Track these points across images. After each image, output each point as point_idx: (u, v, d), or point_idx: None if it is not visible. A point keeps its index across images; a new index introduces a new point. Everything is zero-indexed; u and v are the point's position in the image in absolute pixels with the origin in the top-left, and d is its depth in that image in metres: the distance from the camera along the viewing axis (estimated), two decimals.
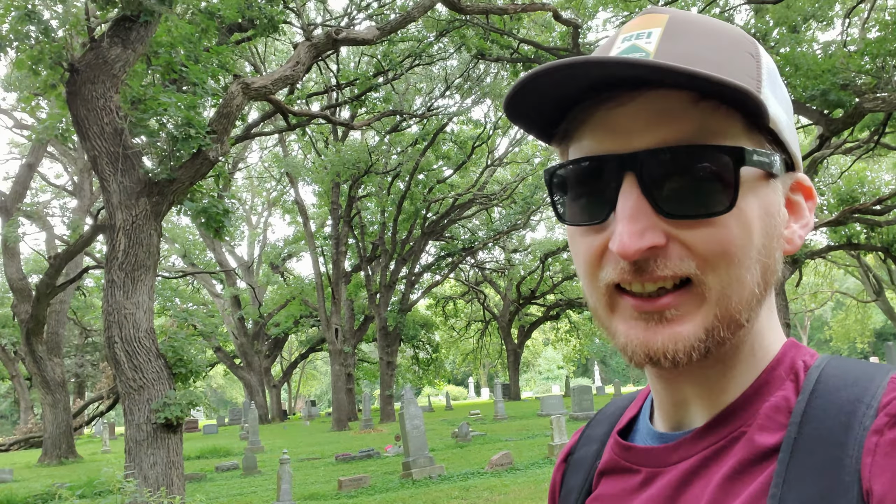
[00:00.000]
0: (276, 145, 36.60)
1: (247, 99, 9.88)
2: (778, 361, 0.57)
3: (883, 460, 0.46)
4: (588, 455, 0.71)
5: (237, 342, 36.76)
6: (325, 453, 18.48)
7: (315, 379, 70.64)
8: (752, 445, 0.53)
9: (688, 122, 0.52)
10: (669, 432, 0.61)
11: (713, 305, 0.53)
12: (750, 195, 0.54)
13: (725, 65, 0.53)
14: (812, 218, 0.58)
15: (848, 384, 0.51)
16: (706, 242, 0.52)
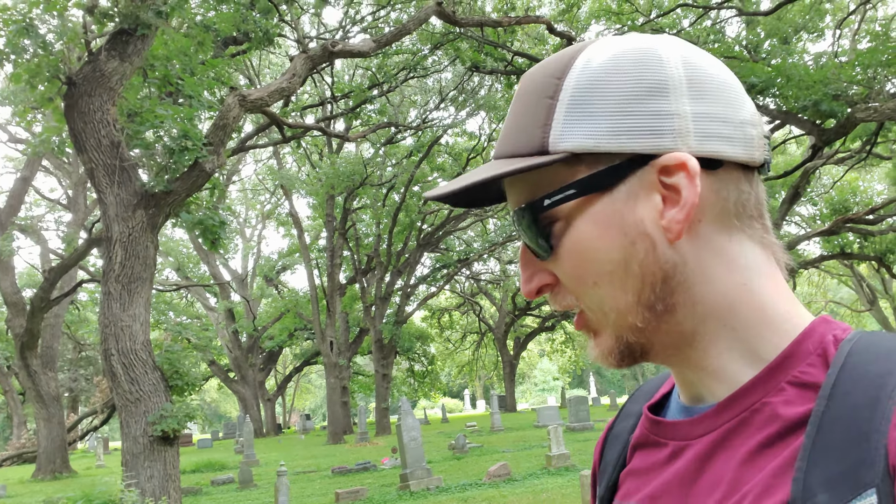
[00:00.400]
0: (270, 158, 36.63)
1: (243, 111, 9.91)
2: (805, 336, 0.57)
3: None
4: (625, 429, 0.72)
5: (231, 355, 36.60)
6: (321, 466, 18.39)
7: (309, 392, 70.30)
8: (778, 419, 0.54)
9: (519, 188, 0.62)
10: (693, 406, 0.63)
11: (600, 322, 0.60)
12: (580, 223, 0.58)
13: (518, 130, 0.61)
14: (692, 192, 0.56)
15: (880, 357, 0.51)
16: (565, 277, 0.60)
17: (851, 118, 13.20)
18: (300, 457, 21.52)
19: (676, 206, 0.57)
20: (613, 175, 0.57)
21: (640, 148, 0.57)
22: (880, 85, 13.64)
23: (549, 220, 0.60)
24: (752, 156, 0.59)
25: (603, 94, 0.58)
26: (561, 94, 0.59)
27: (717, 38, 18.95)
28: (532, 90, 0.61)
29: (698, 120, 0.57)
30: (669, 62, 0.58)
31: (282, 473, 9.17)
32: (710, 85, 0.58)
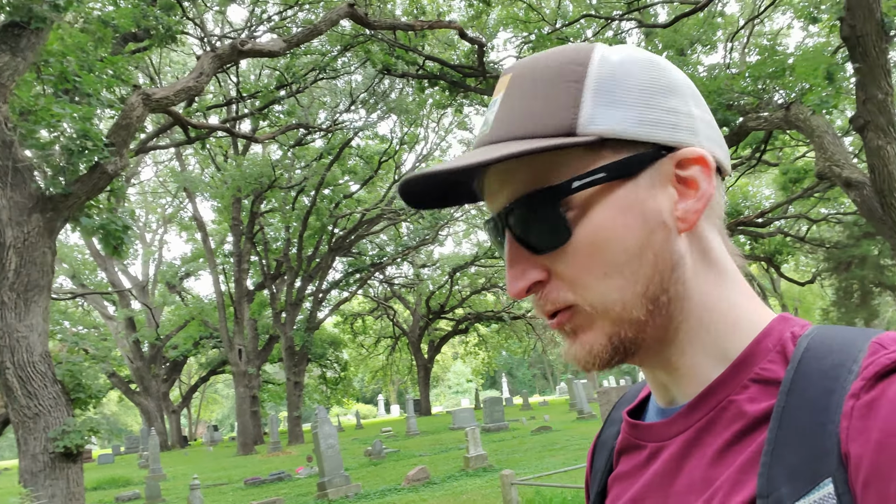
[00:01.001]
0: (171, 159, 35.22)
1: (147, 110, 9.48)
2: (765, 334, 0.59)
3: (858, 423, 0.47)
4: (610, 436, 0.74)
5: (133, 366, 34.91)
6: (232, 478, 17.80)
7: (217, 403, 67.99)
8: (743, 416, 0.55)
9: (523, 174, 0.59)
10: (667, 407, 0.64)
11: (599, 317, 0.59)
12: (599, 210, 0.58)
13: (541, 112, 0.59)
14: (709, 185, 0.59)
15: (833, 350, 0.53)
16: (570, 269, 0.58)
17: (743, 127, 13.99)
18: (210, 469, 20.77)
19: (690, 198, 0.59)
20: (639, 162, 0.59)
21: (662, 139, 0.59)
22: (769, 95, 14.52)
23: (565, 206, 0.58)
24: (727, 165, 0.63)
25: (627, 86, 0.59)
26: (587, 81, 0.59)
27: None
28: (548, 75, 0.60)
29: (701, 123, 0.61)
30: (675, 71, 0.62)
31: (195, 487, 8.81)
32: (699, 96, 0.62)
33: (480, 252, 37.00)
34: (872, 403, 0.47)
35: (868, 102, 9.05)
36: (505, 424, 21.71)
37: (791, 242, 26.04)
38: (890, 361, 0.49)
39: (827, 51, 13.92)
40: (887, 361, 0.49)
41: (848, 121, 14.22)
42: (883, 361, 0.49)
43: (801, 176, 22.00)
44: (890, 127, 9.13)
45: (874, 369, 0.49)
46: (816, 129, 10.96)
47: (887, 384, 0.48)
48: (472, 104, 21.96)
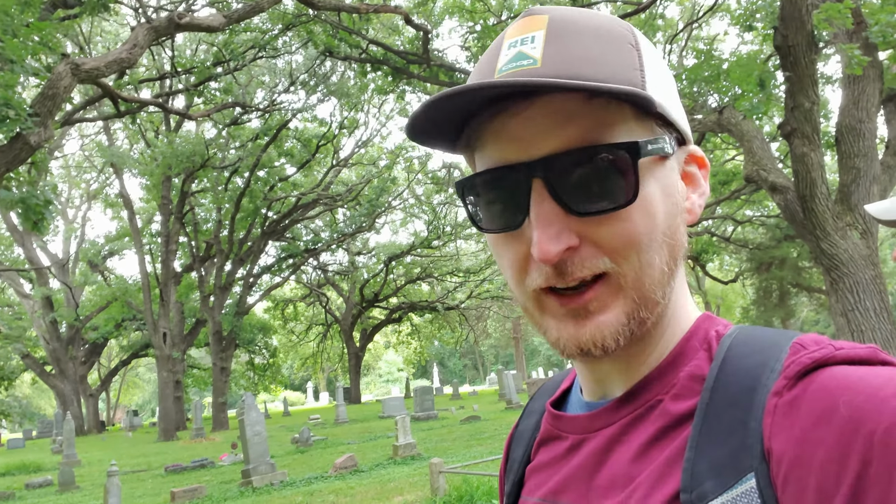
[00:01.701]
0: (98, 133, 33.78)
1: (76, 80, 9.03)
2: (692, 333, 0.60)
3: (781, 420, 0.49)
4: (529, 427, 0.74)
5: (49, 347, 33.40)
6: (152, 465, 17.30)
7: (137, 387, 65.87)
8: (667, 413, 0.56)
9: (581, 122, 0.54)
10: (595, 401, 0.65)
11: (630, 290, 0.56)
12: (649, 181, 0.57)
13: (610, 63, 0.55)
14: (707, 185, 0.62)
15: (756, 350, 0.54)
16: (615, 236, 0.55)
17: None
18: (129, 455, 20.11)
19: (695, 192, 0.62)
20: (675, 145, 0.60)
21: (684, 130, 0.60)
22: (703, 99, 14.96)
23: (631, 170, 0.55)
24: None
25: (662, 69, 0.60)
26: (641, 49, 0.58)
27: None
28: (603, 31, 0.58)
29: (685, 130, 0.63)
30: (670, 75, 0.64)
31: (113, 473, 8.49)
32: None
33: (417, 241, 36.95)
34: (794, 401, 0.49)
35: (796, 110, 9.43)
36: (434, 413, 21.81)
37: (717, 242, 27.03)
38: (810, 360, 0.50)
39: (759, 58, 14.42)
40: (808, 361, 0.51)
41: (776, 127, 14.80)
42: (804, 361, 0.51)
43: (730, 178, 22.82)
44: (815, 135, 9.54)
45: (795, 368, 0.50)
46: (746, 133, 11.36)
47: (808, 382, 0.49)
48: (414, 91, 21.85)
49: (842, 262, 9.34)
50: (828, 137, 12.60)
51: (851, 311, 9.28)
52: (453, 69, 16.94)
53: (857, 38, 9.31)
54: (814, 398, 0.48)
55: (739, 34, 19.84)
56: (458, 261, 39.66)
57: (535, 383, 13.43)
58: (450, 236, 36.46)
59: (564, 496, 0.62)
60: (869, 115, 9.74)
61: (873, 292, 9.24)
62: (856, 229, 9.57)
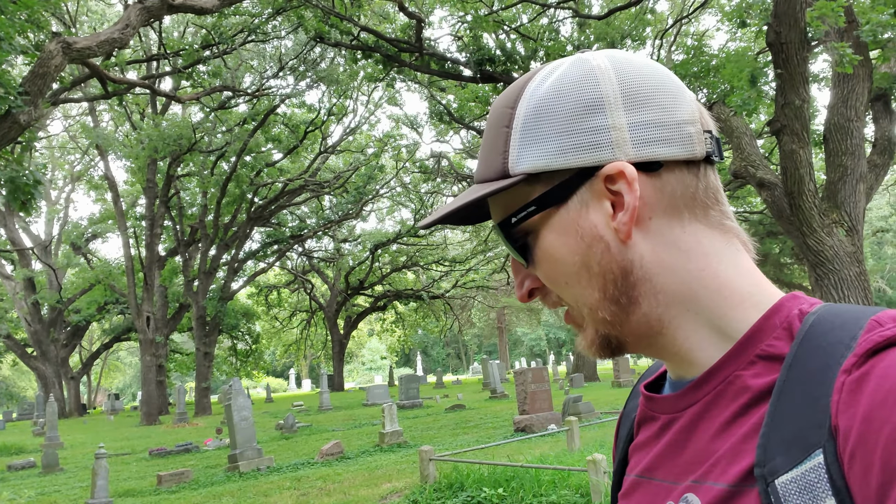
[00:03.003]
0: (83, 114, 33.36)
1: (67, 60, 8.92)
2: (774, 311, 0.61)
3: (847, 397, 0.50)
4: (633, 408, 0.78)
5: (30, 329, 33.09)
6: (136, 448, 17.24)
7: (119, 371, 65.37)
8: (747, 389, 0.59)
9: (496, 209, 0.70)
10: (678, 381, 0.68)
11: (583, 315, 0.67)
12: (544, 233, 0.66)
13: (486, 160, 0.68)
14: (633, 196, 0.62)
15: (835, 328, 0.56)
16: (545, 280, 0.68)
17: None
18: (111, 438, 20.02)
19: (622, 210, 0.63)
20: (565, 189, 0.64)
21: (583, 162, 0.63)
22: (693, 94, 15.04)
23: (521, 232, 0.67)
24: (693, 152, 0.63)
25: (548, 119, 0.64)
26: (514, 123, 0.66)
27: (551, 35, 19.89)
28: (493, 121, 0.69)
29: (634, 129, 0.62)
30: (605, 80, 0.63)
31: (101, 455, 8.46)
32: (645, 93, 0.63)
33: (403, 230, 36.91)
34: (861, 379, 0.50)
35: (786, 107, 9.52)
36: (419, 402, 21.89)
37: None
38: (882, 339, 0.51)
39: (748, 55, 14.52)
40: (879, 339, 0.51)
41: (764, 124, 14.93)
42: (874, 339, 0.51)
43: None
44: (804, 132, 9.64)
45: (866, 346, 0.51)
46: (736, 129, 11.44)
47: (877, 360, 0.50)
48: (404, 80, 21.77)
49: (827, 259, 9.46)
50: (815, 136, 12.73)
51: None
52: (445, 58, 16.90)
53: (849, 38, 9.40)
54: (881, 376, 0.49)
55: (730, 30, 19.92)
56: (444, 250, 39.69)
57: (522, 373, 13.53)
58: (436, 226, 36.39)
59: (657, 473, 0.66)
60: (857, 114, 9.84)
61: (858, 289, 9.38)
62: (842, 227, 9.69)
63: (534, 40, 18.16)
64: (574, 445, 9.31)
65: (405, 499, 7.75)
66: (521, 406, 13.26)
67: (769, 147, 20.10)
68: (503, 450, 9.71)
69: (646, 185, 0.62)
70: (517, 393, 13.46)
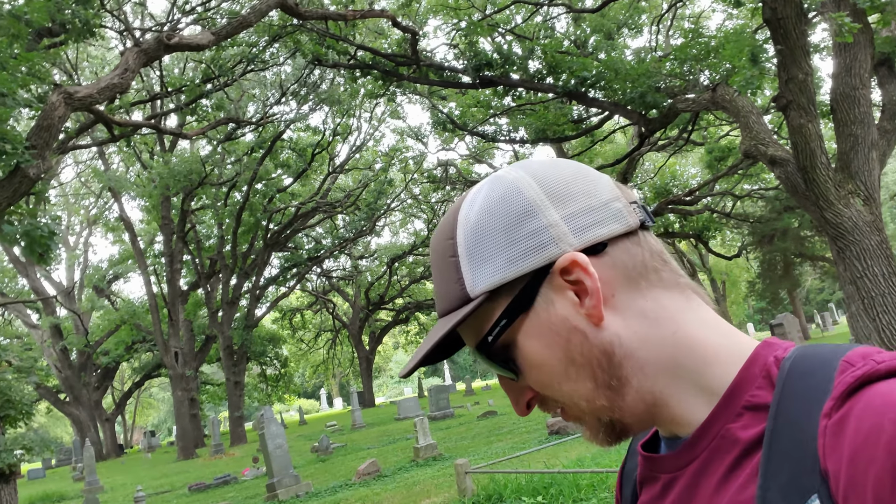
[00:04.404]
0: (93, 158, 33.82)
1: (70, 109, 9.05)
2: (751, 361, 0.63)
3: (831, 441, 0.51)
4: (633, 467, 0.79)
5: (61, 376, 33.49)
6: (175, 485, 17.35)
7: (152, 407, 66.01)
8: (738, 441, 0.60)
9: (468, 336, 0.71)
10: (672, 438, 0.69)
11: (580, 411, 0.68)
12: (523, 340, 0.67)
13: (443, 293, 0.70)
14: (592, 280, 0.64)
15: (811, 373, 0.57)
16: (537, 387, 0.68)
17: (673, 108, 14.34)
18: (150, 477, 20.17)
19: (587, 296, 0.65)
20: (528, 293, 0.66)
21: (535, 264, 0.65)
22: (694, 77, 14.93)
23: (500, 348, 0.68)
24: (628, 223, 0.67)
25: (489, 237, 0.67)
26: (459, 250, 0.68)
27: (547, 33, 19.86)
28: (438, 255, 0.71)
29: (568, 220, 0.66)
30: (526, 188, 0.67)
31: (139, 499, 8.53)
32: (566, 188, 0.67)
33: (418, 241, 36.97)
34: (841, 421, 0.51)
35: (790, 83, 9.41)
36: (450, 412, 21.85)
37: (717, 218, 27.00)
38: (853, 379, 0.53)
39: (746, 32, 14.38)
40: (851, 379, 0.53)
41: (769, 100, 14.78)
42: (847, 380, 0.53)
43: (726, 154, 22.78)
44: (811, 106, 9.52)
45: (840, 388, 0.53)
46: (742, 109, 11.32)
47: (854, 402, 0.52)
48: (405, 93, 21.84)
49: (847, 231, 9.33)
50: (822, 107, 12.58)
51: (860, 279, 9.27)
52: (443, 67, 16.92)
53: (846, 6, 9.29)
54: (860, 417, 0.51)
55: (725, 9, 19.76)
56: None
57: None
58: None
59: None
60: (862, 82, 9.70)
61: (880, 258, 9.23)
62: (858, 196, 9.56)
63: (530, 39, 18.14)
64: None
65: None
66: None
67: (777, 122, 19.89)
68: (539, 455, 9.64)
69: (599, 267, 0.65)
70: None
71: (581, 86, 15.51)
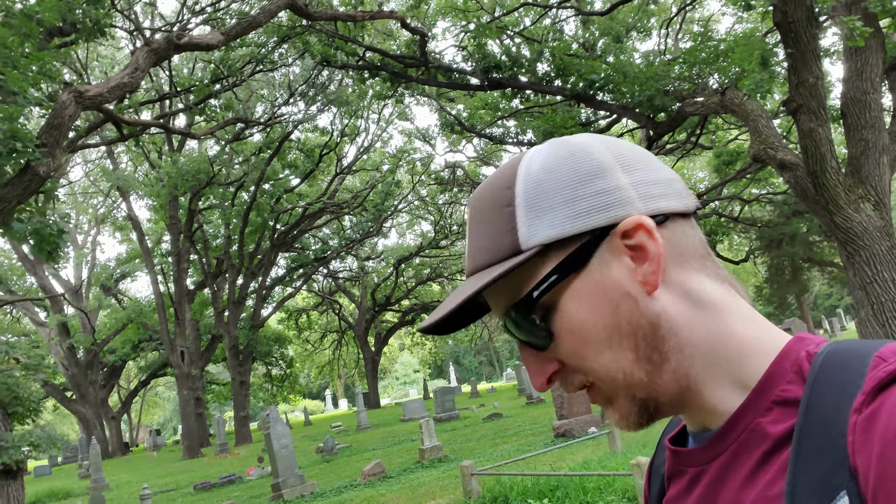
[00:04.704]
0: (101, 157, 33.98)
1: (80, 108, 9.07)
2: (783, 356, 0.62)
3: (861, 437, 0.50)
4: (662, 462, 0.78)
5: (68, 373, 33.62)
6: (180, 483, 17.38)
7: (158, 406, 66.22)
8: (768, 436, 0.59)
9: (503, 294, 0.67)
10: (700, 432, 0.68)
11: (615, 387, 0.64)
12: (566, 302, 0.64)
13: (489, 246, 0.66)
14: (656, 245, 0.63)
15: (843, 367, 0.56)
16: (570, 357, 0.65)
17: (681, 112, 14.30)
18: (156, 476, 20.22)
19: (645, 261, 0.64)
20: (584, 252, 0.64)
21: (598, 223, 0.64)
22: (703, 80, 14.88)
23: (541, 309, 0.65)
24: (687, 205, 0.67)
25: (552, 190, 0.65)
26: (517, 200, 0.66)
27: (556, 35, 19.85)
28: (488, 205, 0.68)
29: (636, 186, 0.65)
30: (596, 150, 0.67)
31: (146, 497, 8.55)
32: (633, 157, 0.67)
33: (425, 242, 36.96)
34: (871, 417, 0.51)
35: (800, 86, 9.37)
36: (456, 413, 21.83)
37: (725, 223, 26.91)
38: (885, 374, 0.52)
39: (756, 36, 14.32)
40: (883, 375, 0.52)
41: (779, 104, 14.73)
42: (879, 375, 0.52)
43: (734, 158, 22.70)
44: (821, 110, 9.48)
45: (872, 383, 0.52)
46: (751, 112, 11.29)
47: (885, 397, 0.51)
48: (413, 95, 21.84)
49: (857, 236, 9.28)
50: (832, 111, 12.52)
51: (870, 284, 9.22)
52: (451, 69, 16.93)
53: (857, 10, 9.25)
54: (890, 412, 0.50)
55: (735, 13, 19.69)
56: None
57: None
58: (457, 235, 36.47)
59: None
60: (874, 86, 9.66)
61: (890, 263, 9.18)
62: (868, 201, 9.51)
63: (538, 42, 18.12)
64: (616, 448, 9.20)
65: None
66: (559, 411, 13.15)
67: (787, 126, 19.82)
68: (545, 458, 9.62)
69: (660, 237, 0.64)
70: (554, 398, 13.35)
71: (589, 88, 15.48)
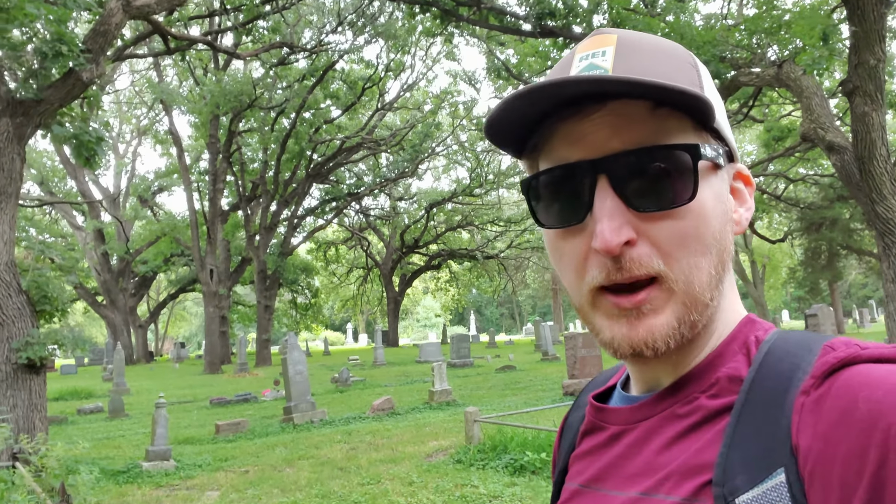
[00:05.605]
0: (148, 69, 34.12)
1: (127, 17, 9.07)
2: (733, 337, 0.64)
3: (807, 417, 0.52)
4: (577, 419, 0.78)
5: (100, 279, 34.63)
6: (198, 397, 17.98)
7: (184, 320, 68.08)
8: (703, 408, 0.60)
9: (647, 126, 0.59)
10: (637, 395, 0.69)
11: (680, 294, 0.60)
12: (704, 186, 0.60)
13: (675, 76, 0.61)
14: (752, 202, 0.66)
15: (790, 353, 0.58)
16: (670, 235, 0.59)
17: (735, 81, 13.84)
18: (175, 386, 20.94)
19: (742, 205, 0.66)
20: (726, 157, 0.64)
21: (734, 150, 0.66)
22: (762, 51, 14.34)
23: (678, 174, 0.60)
24: None
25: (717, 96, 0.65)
26: (699, 68, 0.65)
27: None
28: (668, 52, 0.64)
29: None
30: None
31: (161, 405, 8.85)
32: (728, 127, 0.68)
33: (459, 189, 36.82)
34: (819, 399, 0.52)
35: (860, 67, 9.00)
36: (470, 361, 22.09)
37: (767, 200, 26.29)
38: (836, 360, 0.53)
39: (822, 10, 13.69)
40: (833, 360, 0.54)
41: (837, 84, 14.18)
42: (830, 360, 0.54)
43: (785, 134, 22.01)
44: (878, 94, 9.11)
45: (822, 368, 0.54)
46: (806, 89, 10.90)
47: (833, 380, 0.52)
48: (462, 35, 21.43)
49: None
50: (890, 96, 12.02)
51: None
52: (504, 13, 16.53)
53: None
54: (837, 395, 0.51)
55: None
56: (499, 210, 39.49)
57: (573, 337, 13.42)
58: (492, 184, 36.24)
59: (603, 483, 0.66)
60: None
61: None
62: None
63: None
64: None
65: (450, 458, 7.87)
66: (571, 370, 13.23)
67: (843, 108, 19.10)
68: (550, 414, 9.72)
69: None
70: (567, 357, 13.42)
71: None
